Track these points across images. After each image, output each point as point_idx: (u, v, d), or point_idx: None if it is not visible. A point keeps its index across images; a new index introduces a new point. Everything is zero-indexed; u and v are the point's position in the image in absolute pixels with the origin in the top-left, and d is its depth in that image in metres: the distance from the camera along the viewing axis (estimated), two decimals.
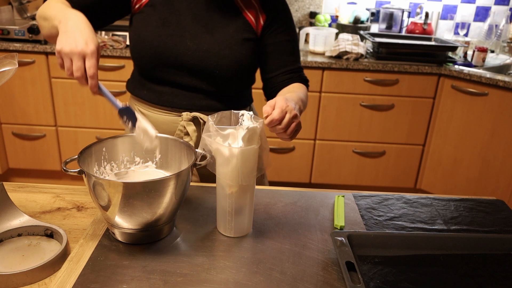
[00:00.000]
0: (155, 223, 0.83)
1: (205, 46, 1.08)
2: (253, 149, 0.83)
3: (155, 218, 0.82)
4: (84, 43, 0.85)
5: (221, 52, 1.08)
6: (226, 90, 1.13)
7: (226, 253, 0.85)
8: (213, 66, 1.08)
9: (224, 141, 0.83)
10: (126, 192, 0.77)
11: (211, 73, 1.09)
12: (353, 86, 2.50)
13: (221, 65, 1.08)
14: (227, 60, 1.08)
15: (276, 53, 1.14)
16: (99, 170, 0.92)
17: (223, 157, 0.83)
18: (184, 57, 1.08)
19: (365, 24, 2.88)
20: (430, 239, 0.88)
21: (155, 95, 1.14)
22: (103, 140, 0.93)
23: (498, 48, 2.84)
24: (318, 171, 2.70)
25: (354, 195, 1.09)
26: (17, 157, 2.69)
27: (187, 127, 1.11)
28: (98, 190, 0.79)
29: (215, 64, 1.08)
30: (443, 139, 2.54)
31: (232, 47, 1.09)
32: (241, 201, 0.87)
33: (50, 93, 2.53)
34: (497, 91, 2.30)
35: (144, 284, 0.75)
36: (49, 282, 0.76)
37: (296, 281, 0.77)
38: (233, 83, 1.13)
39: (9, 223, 0.86)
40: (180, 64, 1.08)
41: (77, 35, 0.85)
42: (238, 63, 1.09)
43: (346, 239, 0.84)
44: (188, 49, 1.08)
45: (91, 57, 0.85)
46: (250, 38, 1.11)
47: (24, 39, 2.42)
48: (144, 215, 0.81)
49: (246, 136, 0.82)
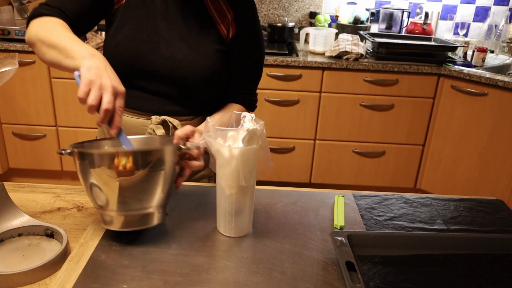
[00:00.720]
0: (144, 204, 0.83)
1: (179, 55, 1.07)
2: (253, 150, 0.83)
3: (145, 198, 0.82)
4: (117, 82, 0.84)
5: (195, 62, 1.08)
6: (196, 98, 1.13)
7: (226, 253, 0.85)
8: (186, 75, 1.08)
9: (225, 143, 0.83)
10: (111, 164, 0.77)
11: (183, 82, 1.09)
12: (353, 86, 2.50)
13: (194, 75, 1.08)
14: (200, 70, 1.08)
15: (234, 69, 1.15)
16: None
17: (223, 158, 0.84)
18: (157, 65, 1.07)
19: (365, 24, 2.88)
20: (430, 239, 0.88)
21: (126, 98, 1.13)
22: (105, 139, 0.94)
23: (497, 48, 2.84)
24: (318, 171, 2.71)
25: (354, 195, 1.09)
26: (18, 157, 2.69)
27: (156, 130, 1.11)
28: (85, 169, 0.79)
29: (188, 74, 1.08)
30: (443, 139, 2.54)
31: (206, 58, 1.08)
32: (241, 202, 0.87)
33: (50, 93, 2.53)
34: (496, 91, 2.31)
35: (144, 284, 0.75)
36: (50, 282, 0.76)
37: (296, 281, 0.78)
38: (204, 91, 1.12)
39: (10, 223, 0.86)
40: (153, 71, 1.07)
41: (110, 73, 0.84)
42: (211, 74, 1.10)
43: (346, 239, 0.84)
44: (162, 57, 1.07)
45: (122, 98, 0.84)
46: (221, 50, 1.12)
47: (24, 39, 2.42)
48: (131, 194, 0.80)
49: (247, 138, 0.82)
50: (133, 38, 1.06)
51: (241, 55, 1.15)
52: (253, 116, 0.86)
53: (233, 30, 1.12)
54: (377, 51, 2.52)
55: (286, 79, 2.48)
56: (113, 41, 1.08)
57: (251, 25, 1.14)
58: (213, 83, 1.12)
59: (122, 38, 1.07)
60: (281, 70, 2.46)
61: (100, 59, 0.85)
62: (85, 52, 0.85)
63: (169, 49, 1.07)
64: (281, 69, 2.46)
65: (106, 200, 0.81)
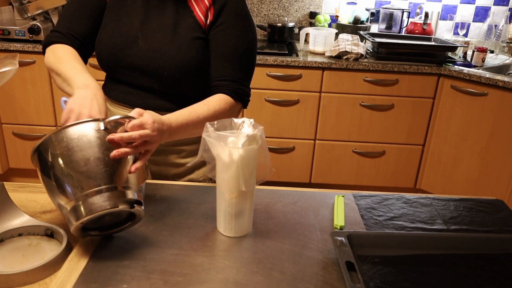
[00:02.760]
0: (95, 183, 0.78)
1: (154, 46, 1.08)
2: (253, 156, 0.84)
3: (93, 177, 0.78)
4: (97, 112, 0.89)
5: (169, 52, 1.07)
6: (177, 91, 1.12)
7: (226, 253, 0.85)
8: (161, 66, 1.08)
9: (224, 148, 0.83)
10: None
11: (160, 74, 1.08)
12: (353, 86, 2.50)
13: (169, 65, 1.07)
14: (174, 60, 1.07)
15: (213, 57, 1.10)
16: None
17: (223, 164, 0.84)
18: (135, 58, 1.08)
19: (365, 24, 2.88)
20: (430, 239, 0.88)
21: (114, 92, 1.17)
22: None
23: (497, 48, 2.85)
24: (318, 171, 2.71)
25: (354, 195, 1.09)
26: (18, 157, 2.69)
27: None
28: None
29: (163, 65, 1.07)
30: (443, 139, 2.54)
31: (180, 47, 1.07)
32: (241, 205, 0.88)
33: (50, 93, 2.53)
34: (496, 91, 2.31)
35: (144, 284, 0.75)
36: (50, 282, 0.76)
37: (296, 281, 0.78)
38: (183, 84, 1.10)
39: (10, 223, 0.86)
40: (133, 65, 1.09)
41: (94, 104, 0.90)
42: (186, 63, 1.08)
43: (346, 239, 0.84)
44: (140, 50, 1.08)
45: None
46: (198, 37, 1.09)
47: (24, 39, 2.42)
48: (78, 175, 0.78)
49: (246, 143, 0.82)
50: (113, 35, 1.10)
51: (220, 40, 1.09)
52: (251, 121, 0.86)
53: (211, 16, 1.09)
54: (377, 51, 2.52)
55: (286, 79, 2.48)
56: (98, 39, 1.13)
57: (232, 9, 1.09)
58: (191, 73, 1.09)
59: (104, 36, 1.11)
60: (281, 70, 2.46)
61: (91, 89, 0.93)
62: (81, 82, 0.94)
63: (146, 42, 1.08)
64: (281, 69, 2.46)
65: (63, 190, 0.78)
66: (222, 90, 1.09)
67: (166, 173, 1.22)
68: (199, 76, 1.11)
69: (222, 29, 1.09)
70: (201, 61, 1.09)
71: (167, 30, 1.09)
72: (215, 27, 1.10)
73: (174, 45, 1.08)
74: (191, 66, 1.08)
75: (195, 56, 1.08)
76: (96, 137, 0.80)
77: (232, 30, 1.10)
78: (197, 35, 1.09)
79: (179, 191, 1.07)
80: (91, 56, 1.19)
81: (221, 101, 1.07)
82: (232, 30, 1.10)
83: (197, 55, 1.09)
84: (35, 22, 2.40)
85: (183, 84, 1.10)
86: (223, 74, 1.10)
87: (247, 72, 1.14)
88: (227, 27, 1.09)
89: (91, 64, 2.30)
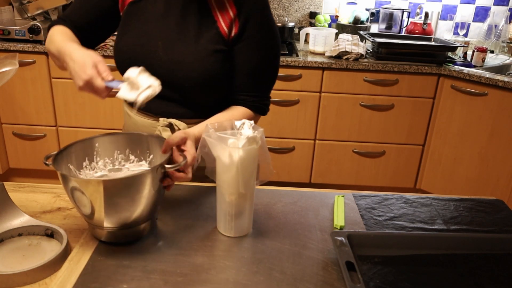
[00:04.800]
0: (133, 221, 0.83)
1: (176, 57, 1.06)
2: (252, 157, 0.84)
3: (134, 216, 0.82)
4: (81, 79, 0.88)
5: (191, 64, 1.05)
6: (198, 100, 1.11)
7: (226, 253, 0.85)
8: (182, 78, 1.06)
9: (224, 149, 0.83)
10: (106, 188, 0.77)
11: (181, 85, 1.07)
12: (353, 86, 2.50)
13: (190, 77, 1.06)
14: (196, 73, 1.05)
15: (237, 71, 1.09)
16: (90, 165, 0.94)
17: (223, 165, 0.84)
18: (155, 68, 1.04)
19: (365, 24, 2.88)
20: (430, 239, 0.88)
21: None
22: (97, 136, 0.94)
23: (497, 48, 2.85)
24: (318, 171, 2.71)
25: (354, 195, 1.09)
26: (18, 157, 2.69)
27: (163, 132, 1.10)
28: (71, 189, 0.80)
29: (184, 77, 1.06)
30: (443, 139, 2.54)
31: (202, 60, 1.05)
32: (241, 206, 0.88)
33: (50, 93, 2.53)
34: (496, 91, 2.31)
35: (144, 284, 0.75)
36: (50, 282, 0.76)
37: (296, 281, 0.78)
38: (204, 94, 1.10)
39: (10, 223, 0.86)
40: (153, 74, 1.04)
41: (78, 71, 0.89)
42: (207, 76, 1.06)
43: (346, 239, 0.84)
44: (160, 60, 1.06)
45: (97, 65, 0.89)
46: (220, 50, 1.06)
47: (24, 39, 2.42)
48: (122, 212, 0.81)
49: (246, 145, 0.82)
50: (132, 44, 1.08)
51: (244, 54, 1.08)
52: (252, 123, 0.86)
53: (236, 28, 1.06)
54: (377, 51, 2.52)
55: (286, 79, 2.48)
56: (117, 48, 1.11)
57: (258, 22, 1.07)
58: (212, 85, 1.08)
59: (123, 45, 1.10)
60: (281, 70, 2.46)
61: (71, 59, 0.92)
62: (63, 56, 0.95)
63: (166, 52, 1.06)
64: (281, 69, 2.46)
65: (91, 213, 0.81)
66: (245, 105, 1.11)
67: None
68: (220, 87, 1.11)
69: (247, 44, 1.07)
70: (222, 73, 1.08)
71: (189, 40, 1.06)
72: (240, 41, 1.07)
73: (195, 56, 1.05)
74: (212, 79, 1.07)
75: (217, 70, 1.07)
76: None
77: (257, 46, 1.08)
78: (219, 48, 1.06)
79: (179, 191, 1.07)
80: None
81: (244, 115, 1.09)
82: (258, 46, 1.08)
83: (218, 68, 1.07)
84: (35, 22, 2.40)
85: (204, 94, 1.10)
86: (247, 90, 1.11)
87: (270, 85, 1.15)
88: (253, 42, 1.07)
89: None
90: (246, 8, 1.05)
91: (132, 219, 0.83)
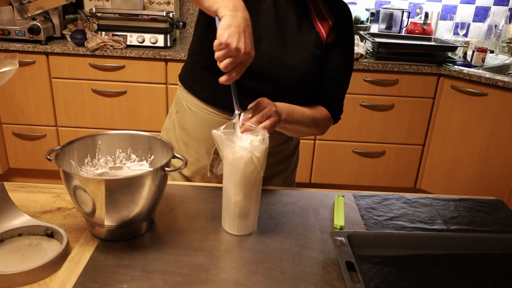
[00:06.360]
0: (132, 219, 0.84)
1: (278, 53, 1.05)
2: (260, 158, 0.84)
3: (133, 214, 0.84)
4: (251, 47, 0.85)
5: (293, 63, 1.05)
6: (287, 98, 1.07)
7: (226, 253, 0.85)
8: (282, 75, 1.05)
9: (232, 150, 0.84)
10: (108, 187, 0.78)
11: (279, 81, 1.06)
12: (353, 86, 2.50)
13: (290, 76, 1.06)
14: (297, 72, 1.06)
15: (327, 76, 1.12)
16: (91, 162, 0.95)
17: (230, 166, 0.85)
18: (256, 61, 0.93)
19: (365, 24, 2.88)
20: (430, 239, 0.88)
21: (210, 93, 1.10)
22: (100, 134, 0.95)
23: (497, 48, 2.85)
24: (318, 171, 2.71)
25: (354, 195, 1.09)
26: (18, 157, 2.69)
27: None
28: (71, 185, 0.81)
29: (284, 74, 1.05)
30: (443, 139, 2.54)
31: (304, 61, 1.06)
32: (246, 207, 0.88)
33: (50, 93, 2.53)
34: (496, 91, 2.31)
35: (144, 284, 0.75)
36: (50, 282, 0.76)
37: (296, 281, 0.78)
38: (296, 93, 1.09)
39: (10, 223, 0.86)
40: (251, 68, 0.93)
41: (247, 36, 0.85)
42: (307, 77, 1.08)
43: (346, 239, 0.84)
44: (262, 53, 1.03)
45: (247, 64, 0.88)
46: (319, 55, 1.09)
47: (24, 39, 2.42)
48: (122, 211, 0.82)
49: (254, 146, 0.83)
50: None
51: (336, 63, 1.12)
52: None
53: (331, 36, 1.09)
54: (377, 51, 2.52)
55: None
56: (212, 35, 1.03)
57: (348, 33, 1.12)
58: (306, 87, 1.10)
59: None
60: None
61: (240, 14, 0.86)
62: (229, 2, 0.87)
63: (268, 46, 1.05)
64: None
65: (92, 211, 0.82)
66: (327, 108, 1.15)
67: None
68: (311, 89, 1.13)
69: (339, 51, 1.11)
70: (317, 76, 1.11)
71: (291, 40, 1.06)
72: (334, 47, 1.10)
73: (298, 58, 1.06)
74: (309, 80, 1.09)
75: (316, 74, 1.09)
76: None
77: (346, 54, 1.14)
78: (318, 53, 1.08)
79: (179, 191, 1.07)
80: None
81: (322, 114, 1.13)
82: (347, 54, 1.14)
83: (317, 72, 1.09)
84: (35, 22, 2.40)
85: (296, 93, 1.09)
86: (331, 95, 1.15)
87: (346, 90, 1.19)
88: (344, 50, 1.12)
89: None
90: (340, 19, 1.10)
91: (132, 218, 0.84)
